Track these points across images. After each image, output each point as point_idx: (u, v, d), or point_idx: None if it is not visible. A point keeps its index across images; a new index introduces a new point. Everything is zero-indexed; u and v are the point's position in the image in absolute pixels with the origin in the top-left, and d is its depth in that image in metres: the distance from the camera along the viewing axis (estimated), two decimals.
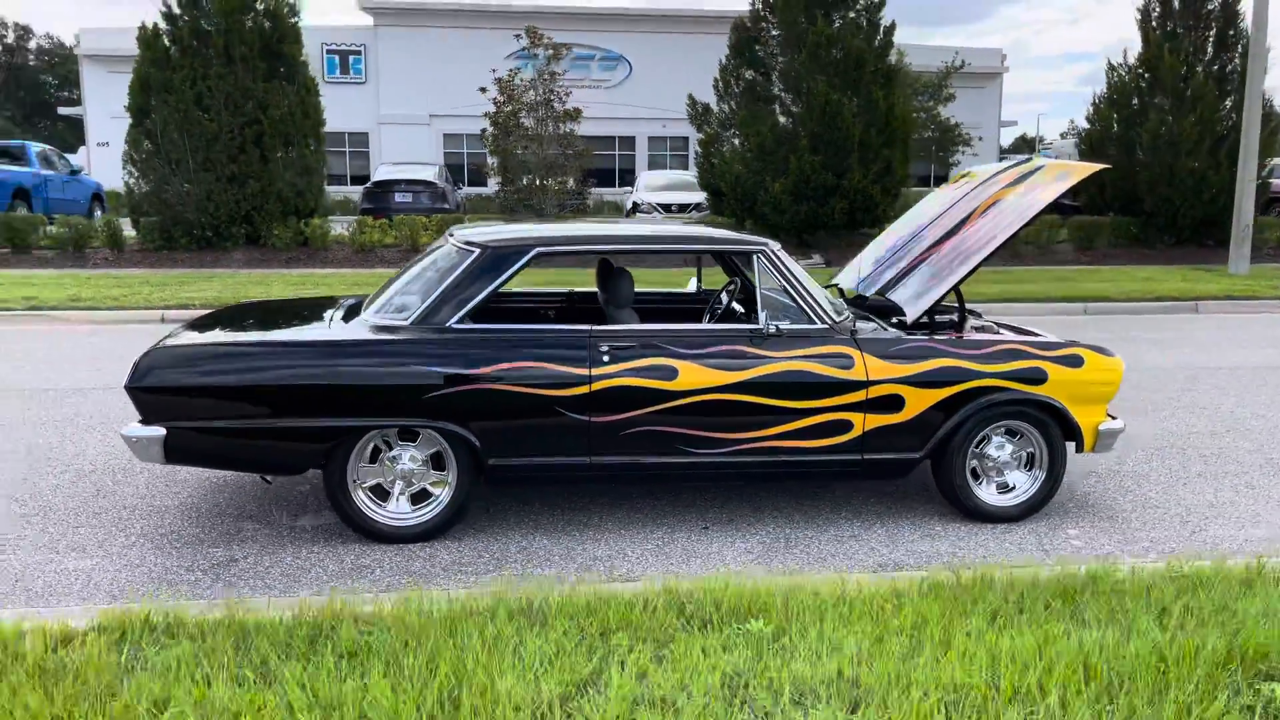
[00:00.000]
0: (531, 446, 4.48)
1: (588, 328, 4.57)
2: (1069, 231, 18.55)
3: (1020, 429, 4.85)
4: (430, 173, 22.19)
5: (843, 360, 4.60)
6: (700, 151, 18.51)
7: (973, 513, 4.87)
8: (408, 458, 4.48)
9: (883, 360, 4.64)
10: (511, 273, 4.57)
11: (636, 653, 3.06)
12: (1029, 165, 5.36)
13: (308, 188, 16.38)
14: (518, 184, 18.00)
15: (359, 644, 3.09)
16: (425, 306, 4.49)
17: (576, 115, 17.97)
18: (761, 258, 4.74)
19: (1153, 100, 18.23)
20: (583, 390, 4.41)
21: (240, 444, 4.37)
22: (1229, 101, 17.97)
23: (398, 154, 32.05)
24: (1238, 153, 16.14)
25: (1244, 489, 5.47)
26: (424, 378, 4.33)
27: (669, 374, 4.47)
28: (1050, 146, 51.84)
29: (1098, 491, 5.38)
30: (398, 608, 3.36)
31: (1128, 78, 18.66)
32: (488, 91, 18.21)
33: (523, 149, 17.73)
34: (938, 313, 5.28)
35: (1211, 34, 17.98)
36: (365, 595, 3.66)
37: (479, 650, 3.01)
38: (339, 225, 17.55)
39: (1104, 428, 4.88)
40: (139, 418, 4.32)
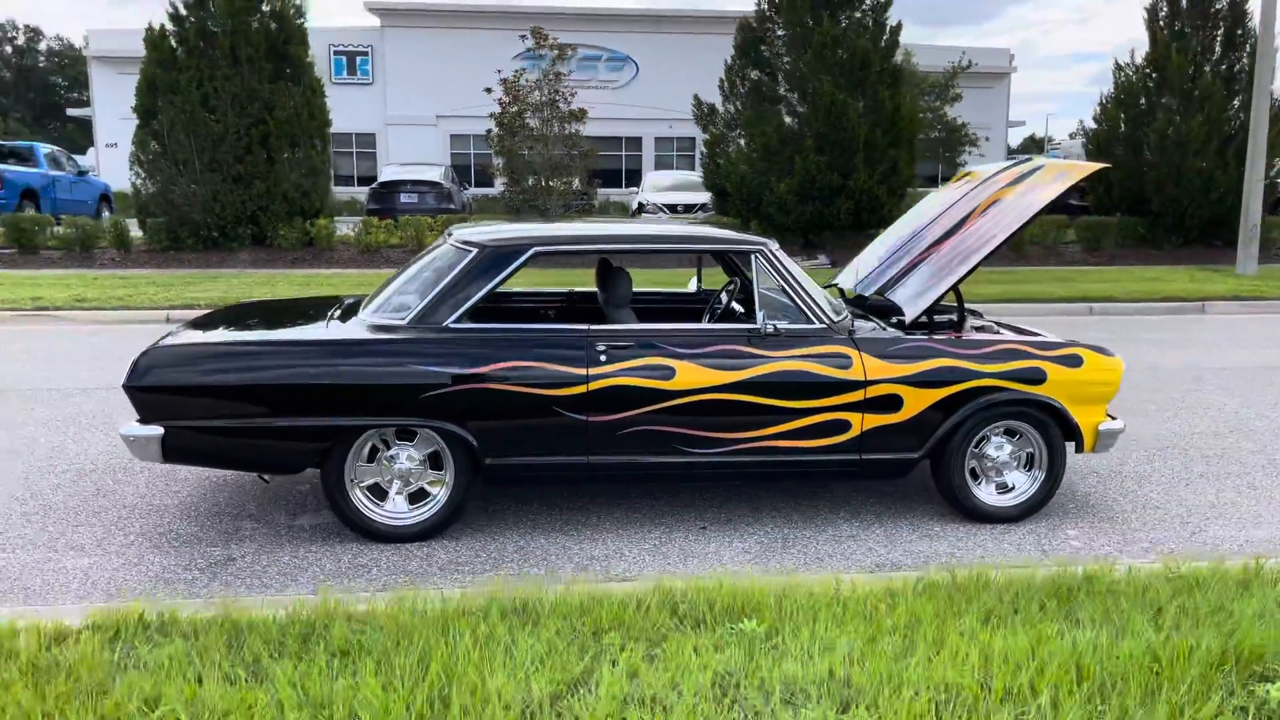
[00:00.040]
0: (529, 446, 4.48)
1: (585, 327, 4.56)
2: (1076, 232, 18.49)
3: (1019, 429, 4.83)
4: (436, 173, 22.22)
5: (840, 360, 4.59)
6: (705, 152, 18.48)
7: (972, 513, 4.85)
8: (405, 457, 4.49)
9: (881, 360, 4.63)
10: (509, 272, 4.57)
11: (628, 652, 3.06)
12: (1028, 165, 5.34)
13: (313, 188, 16.43)
14: (523, 185, 18.01)
15: (351, 643, 3.09)
16: (423, 306, 4.50)
17: (582, 116, 17.97)
18: (759, 257, 4.73)
19: (1160, 100, 18.18)
20: (580, 390, 4.41)
21: (238, 443, 4.38)
22: (1237, 101, 17.92)
23: (405, 155, 32.10)
24: (1245, 153, 16.08)
25: (1246, 490, 5.44)
26: (421, 377, 4.33)
27: (666, 373, 4.47)
28: (1059, 147, 51.65)
29: (1098, 492, 5.36)
30: (390, 607, 3.36)
31: (1135, 78, 18.61)
32: (493, 92, 18.23)
33: (528, 149, 17.74)
34: (937, 312, 5.26)
35: (1219, 33, 17.93)
36: (358, 594, 3.66)
37: (470, 649, 3.01)
38: (345, 226, 17.58)
39: (1104, 428, 4.86)
40: (137, 417, 4.34)
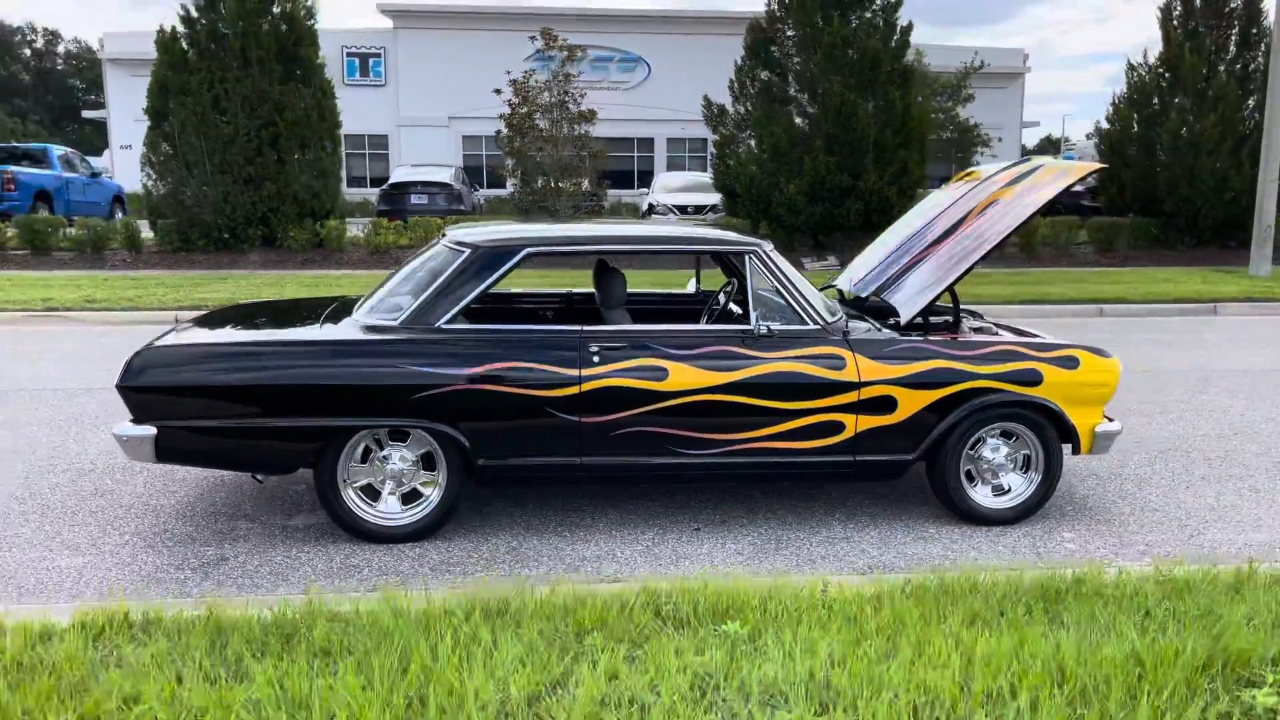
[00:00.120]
0: (521, 447, 4.48)
1: (578, 328, 4.56)
2: (1088, 233, 18.37)
3: (1016, 431, 4.80)
4: (446, 174, 22.28)
5: (834, 361, 4.57)
6: (715, 153, 18.46)
7: (967, 515, 4.82)
8: (398, 458, 4.49)
9: (875, 361, 4.61)
10: (502, 273, 4.57)
11: (609, 653, 3.05)
12: (1027, 165, 5.31)
13: (324, 190, 16.48)
14: (533, 186, 18.03)
15: (333, 643, 3.10)
16: (416, 307, 4.50)
17: (591, 117, 17.98)
18: (753, 258, 4.72)
19: (1173, 100, 18.07)
20: (572, 391, 4.41)
21: (231, 443, 4.39)
22: (1251, 101, 17.79)
23: (417, 156, 32.20)
24: (1259, 153, 15.94)
25: (1247, 493, 5.39)
26: (413, 378, 4.33)
27: (659, 374, 4.46)
28: (1074, 147, 51.44)
29: (1097, 494, 5.32)
30: (374, 607, 3.36)
31: (1148, 77, 18.49)
32: (502, 93, 18.26)
33: (537, 150, 17.76)
34: (934, 314, 5.24)
35: (1234, 33, 17.80)
36: (343, 595, 3.67)
37: (451, 650, 3.01)
38: (357, 227, 17.64)
39: (1100, 430, 4.82)
40: (130, 417, 4.36)
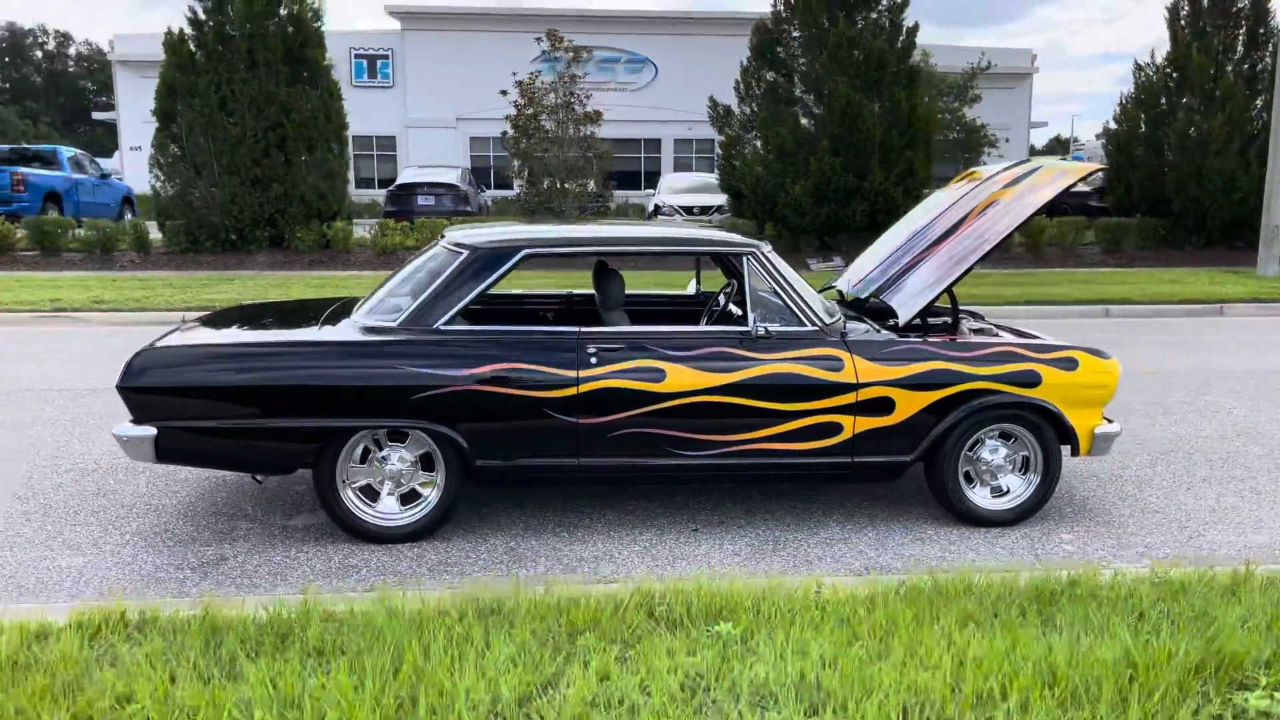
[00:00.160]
0: (519, 448, 4.49)
1: (575, 329, 4.57)
2: (1095, 233, 18.31)
3: (1014, 432, 4.80)
4: (453, 176, 22.32)
5: (832, 362, 4.58)
6: (721, 153, 18.46)
7: (965, 516, 4.82)
8: (397, 458, 4.51)
9: (873, 362, 4.61)
10: (500, 274, 4.58)
11: (601, 654, 3.06)
12: (1026, 166, 5.30)
13: (330, 191, 16.53)
14: (538, 187, 18.06)
15: (326, 643, 3.11)
16: (414, 308, 4.52)
17: (596, 118, 18.01)
18: (751, 259, 4.72)
19: (1181, 100, 18.01)
20: (570, 392, 4.42)
21: (230, 444, 4.41)
22: (1259, 101, 17.72)
23: (425, 157, 32.25)
24: (1267, 153, 15.88)
25: (1249, 494, 5.37)
26: (411, 379, 4.35)
27: (656, 376, 4.46)
28: (1083, 147, 51.29)
29: (1097, 495, 5.31)
30: (368, 607, 3.38)
31: (1155, 78, 18.43)
32: (508, 95, 18.29)
33: (543, 151, 17.79)
34: (933, 315, 5.23)
35: (1241, 33, 17.74)
36: (338, 594, 3.69)
37: (443, 650, 3.03)
38: (364, 228, 17.69)
39: (1100, 431, 4.81)
40: (130, 417, 4.39)
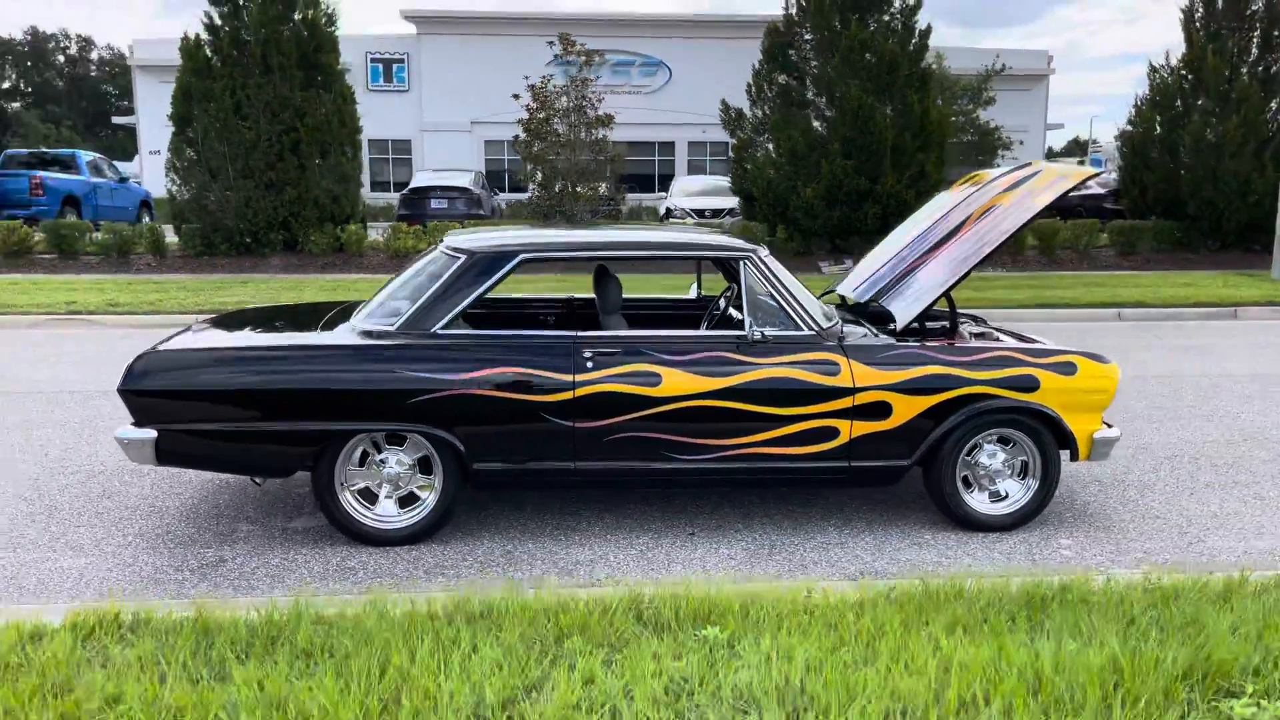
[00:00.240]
0: (516, 452, 4.51)
1: (572, 334, 4.59)
2: (1110, 236, 18.19)
3: (1013, 437, 4.79)
4: (466, 179, 22.42)
5: (828, 367, 4.58)
6: (732, 156, 18.45)
7: (964, 521, 4.81)
8: (395, 461, 4.54)
9: (870, 367, 4.60)
10: (497, 279, 4.60)
11: (587, 658, 3.08)
12: (1027, 170, 5.29)
13: (344, 194, 16.62)
14: (550, 190, 18.10)
15: (315, 645, 3.14)
16: (412, 312, 4.55)
17: (608, 121, 18.04)
18: (748, 264, 4.73)
19: (1196, 102, 17.87)
20: (566, 396, 4.43)
21: (230, 446, 4.45)
22: (1274, 103, 17.58)
23: (440, 160, 32.39)
24: None
25: (1252, 500, 5.33)
26: (409, 382, 4.38)
27: (653, 380, 4.48)
28: (1100, 149, 51.00)
29: (1098, 500, 5.29)
30: (358, 610, 3.40)
31: (1170, 80, 18.31)
32: (520, 98, 18.34)
33: (554, 155, 17.83)
34: (933, 319, 5.22)
35: (1256, 35, 17.59)
36: (333, 597, 3.72)
37: (430, 653, 3.05)
38: (377, 231, 17.77)
39: (1099, 436, 4.79)
40: (131, 420, 4.44)
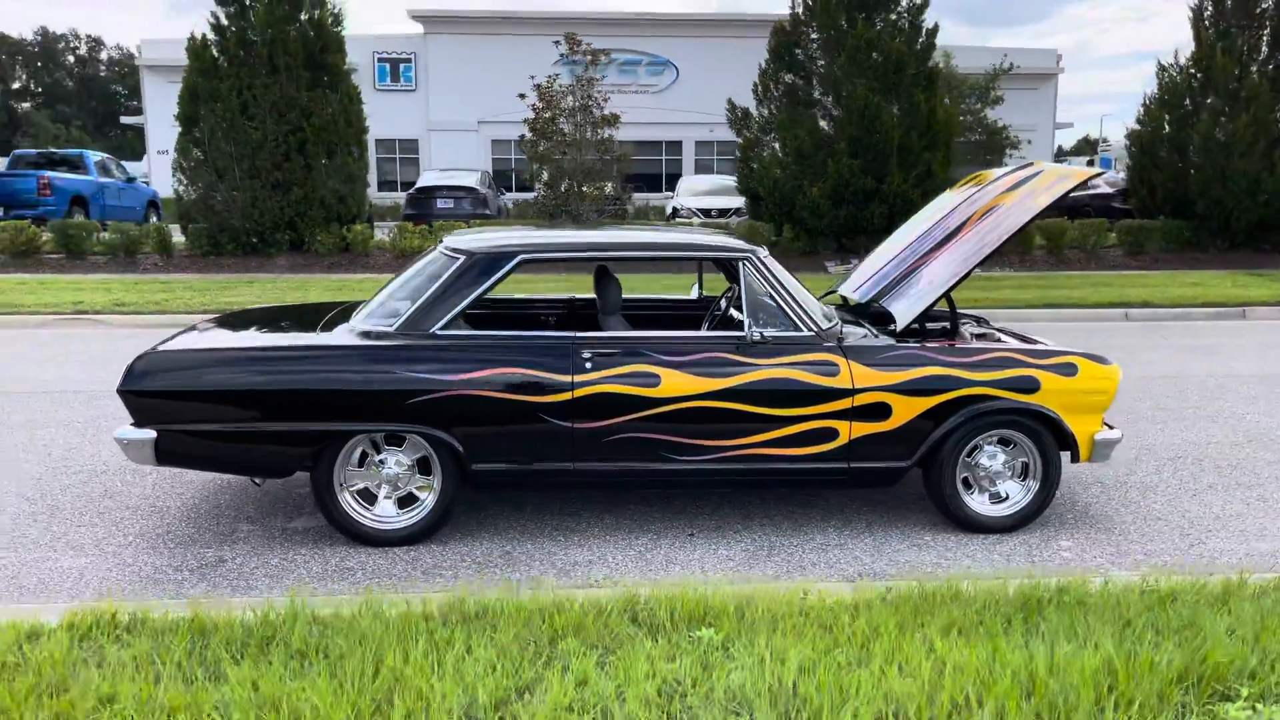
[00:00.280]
0: (515, 452, 4.51)
1: (571, 334, 4.59)
2: (1118, 236, 18.11)
3: (1013, 438, 4.77)
4: (472, 179, 22.44)
5: (828, 368, 4.57)
6: (739, 156, 18.43)
7: (964, 523, 4.80)
8: (394, 462, 4.54)
9: (869, 368, 4.59)
10: (496, 279, 4.60)
11: (581, 659, 3.08)
12: (1028, 170, 5.27)
13: (350, 194, 16.63)
14: (556, 190, 18.10)
15: (309, 646, 3.14)
16: (410, 313, 4.55)
17: (614, 120, 18.03)
18: (747, 264, 4.72)
19: (1205, 101, 17.78)
20: (565, 397, 4.43)
21: (229, 447, 4.46)
22: None
23: (447, 160, 32.43)
24: None
25: (1255, 502, 5.31)
26: (407, 383, 4.38)
27: (651, 381, 4.47)
28: (1109, 148, 50.80)
29: (1100, 502, 5.27)
30: (353, 610, 3.41)
31: (1179, 78, 18.22)
32: (526, 98, 18.34)
33: (560, 154, 17.83)
34: (934, 319, 5.21)
35: (1265, 33, 17.49)
36: (326, 597, 3.72)
37: (423, 654, 3.05)
38: (384, 230, 17.80)
39: (1100, 437, 4.77)
40: (131, 420, 4.45)
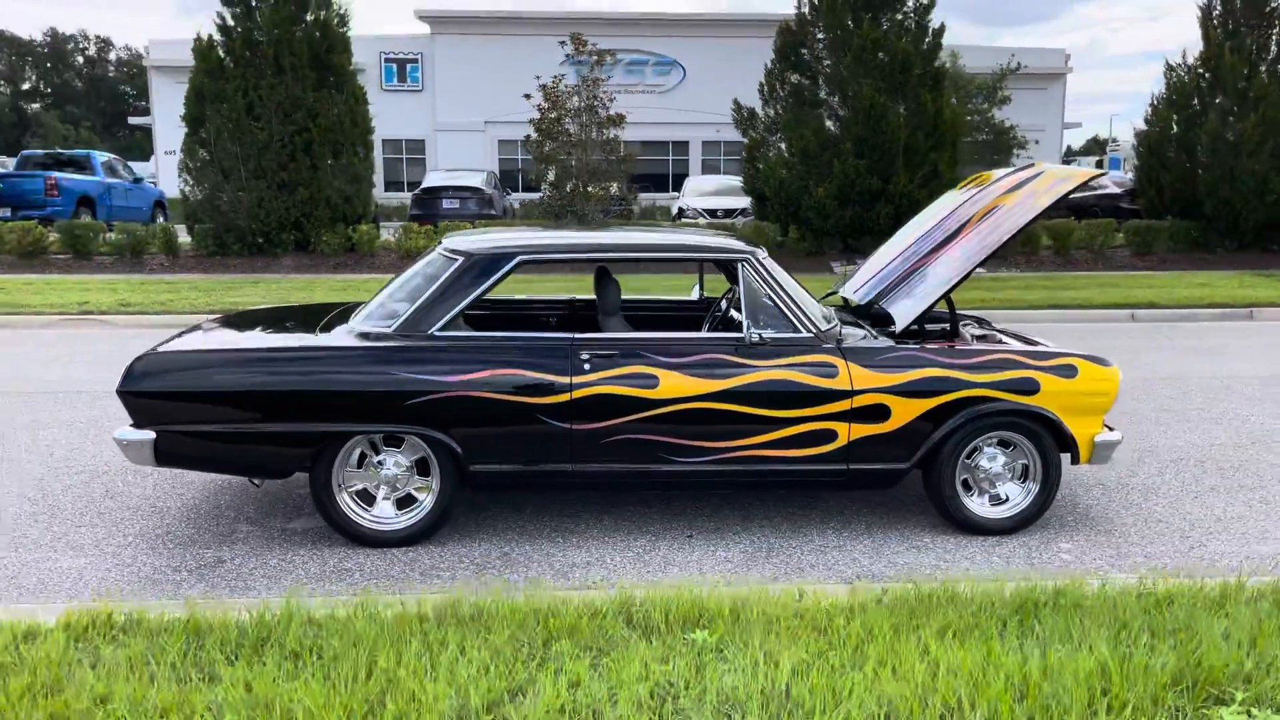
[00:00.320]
0: (513, 453, 4.52)
1: (569, 336, 4.59)
2: (1125, 236, 18.05)
3: (1013, 440, 4.76)
4: (478, 179, 22.47)
5: (826, 369, 4.56)
6: (744, 156, 18.41)
7: (964, 525, 4.78)
8: (393, 463, 4.55)
9: (868, 369, 4.58)
10: (495, 280, 4.61)
11: (575, 661, 3.07)
12: (1030, 171, 5.25)
13: (356, 194, 16.67)
14: (562, 190, 18.12)
15: (304, 646, 3.15)
16: (409, 314, 4.56)
17: (619, 121, 18.04)
18: (745, 266, 4.72)
19: (1213, 101, 17.72)
20: (563, 398, 4.43)
21: (228, 448, 4.47)
22: None
23: (454, 160, 32.46)
24: None
25: (1258, 504, 5.28)
26: (405, 384, 4.39)
27: (650, 382, 4.47)
28: (1119, 148, 50.62)
29: (1101, 504, 5.25)
30: (348, 611, 3.41)
31: (1187, 78, 18.16)
32: (532, 98, 18.36)
33: (566, 155, 17.84)
34: (935, 321, 5.20)
35: (1274, 32, 17.41)
36: (322, 598, 3.72)
37: (417, 655, 3.05)
38: (391, 231, 17.83)
39: (1100, 439, 4.76)
40: (130, 421, 4.46)
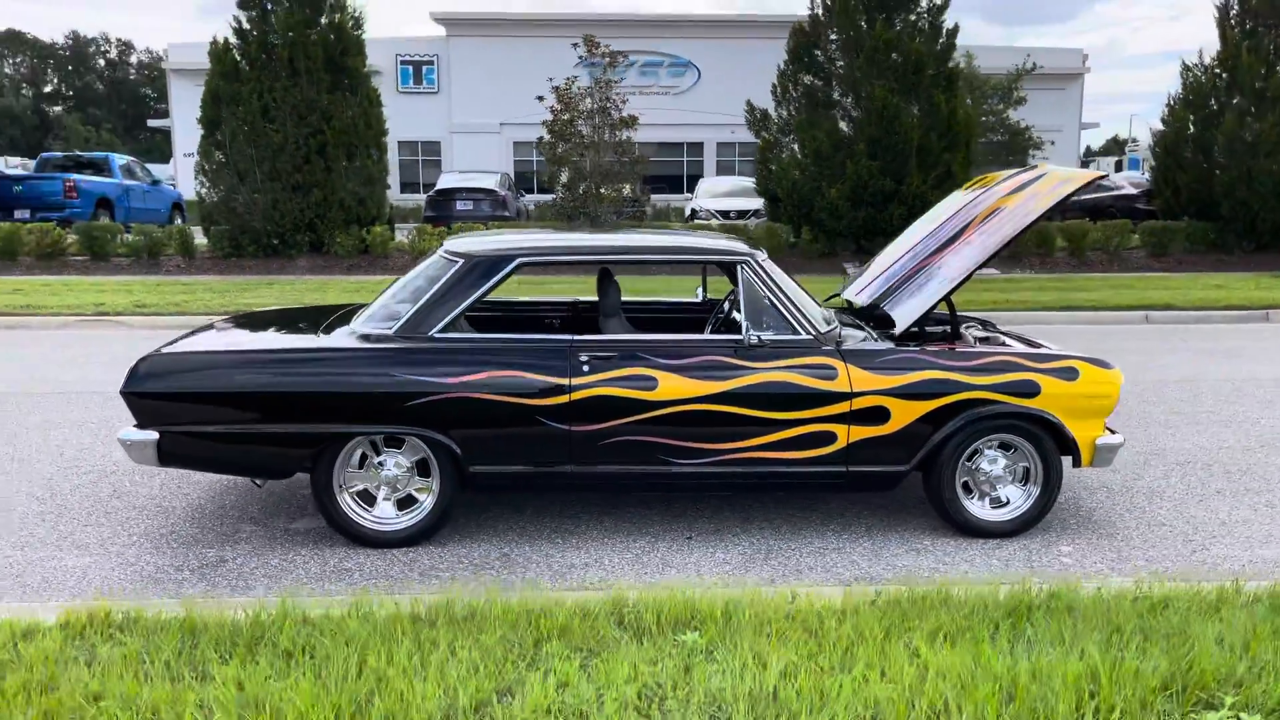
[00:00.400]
0: (512, 455, 4.54)
1: (568, 337, 4.61)
2: (1141, 237, 17.94)
3: (1013, 443, 4.74)
4: (492, 181, 22.55)
5: (825, 371, 4.56)
6: (758, 157, 18.40)
7: (964, 527, 4.77)
8: (393, 464, 4.58)
9: (867, 371, 4.58)
10: (495, 282, 4.63)
11: (563, 662, 3.09)
12: (1032, 173, 5.24)
13: (370, 196, 16.76)
14: (575, 192, 18.15)
15: (296, 646, 3.18)
16: (409, 316, 4.59)
17: (632, 122, 18.05)
18: (745, 268, 4.73)
19: (1230, 101, 17.59)
20: (562, 400, 4.45)
21: (230, 448, 4.51)
22: None
23: (469, 162, 32.57)
24: None
25: (1263, 507, 5.25)
26: (406, 386, 4.42)
27: (649, 384, 4.48)
28: (1138, 148, 50.32)
29: (1104, 507, 5.23)
30: (342, 611, 3.44)
31: (1204, 78, 18.03)
32: (545, 100, 18.40)
33: (578, 156, 17.87)
34: (936, 323, 5.19)
35: None
36: (318, 598, 3.76)
37: (407, 655, 3.08)
38: (406, 232, 17.92)
39: (1101, 442, 4.74)
40: (134, 422, 4.51)
